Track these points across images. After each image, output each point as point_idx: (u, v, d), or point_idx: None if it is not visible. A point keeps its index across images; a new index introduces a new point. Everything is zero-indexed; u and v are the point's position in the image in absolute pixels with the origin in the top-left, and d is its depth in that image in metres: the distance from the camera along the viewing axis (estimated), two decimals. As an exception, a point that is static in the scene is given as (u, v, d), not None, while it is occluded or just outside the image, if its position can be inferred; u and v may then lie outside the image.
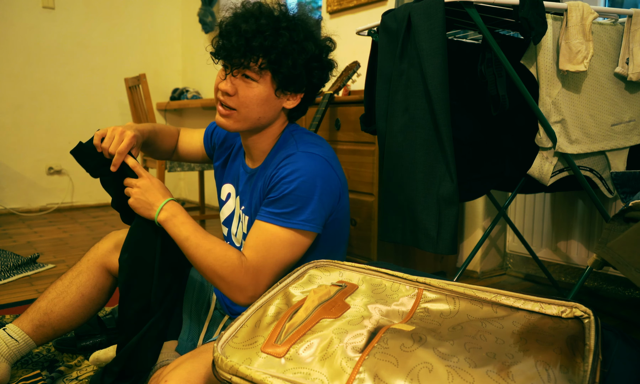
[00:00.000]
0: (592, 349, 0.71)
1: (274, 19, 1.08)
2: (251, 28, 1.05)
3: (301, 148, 1.12)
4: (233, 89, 1.10)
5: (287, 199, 1.07)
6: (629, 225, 0.94)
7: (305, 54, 1.09)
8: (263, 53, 1.06)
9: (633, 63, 1.38)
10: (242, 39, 1.05)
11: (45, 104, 3.83)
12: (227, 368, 0.73)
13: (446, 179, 1.30)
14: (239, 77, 1.09)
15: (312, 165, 1.10)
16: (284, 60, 1.07)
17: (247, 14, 1.09)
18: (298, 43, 1.08)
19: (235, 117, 1.12)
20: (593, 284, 2.00)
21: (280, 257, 1.07)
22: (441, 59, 1.26)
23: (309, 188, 1.08)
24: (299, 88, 1.13)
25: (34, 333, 1.23)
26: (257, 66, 1.07)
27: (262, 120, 1.13)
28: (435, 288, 0.92)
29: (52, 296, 1.26)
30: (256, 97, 1.10)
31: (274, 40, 1.06)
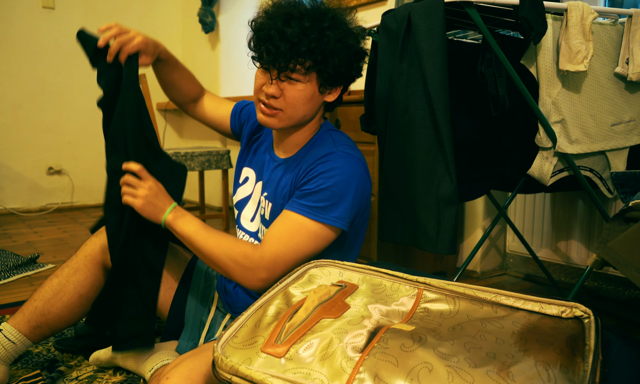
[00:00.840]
0: (592, 349, 0.71)
1: (317, 19, 1.08)
2: (295, 31, 1.05)
3: (340, 148, 1.15)
4: (279, 91, 1.11)
5: (323, 194, 1.08)
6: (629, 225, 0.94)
7: (348, 50, 1.11)
8: (310, 56, 1.07)
9: (633, 63, 1.38)
10: (287, 44, 1.05)
11: (45, 104, 3.83)
12: (227, 368, 0.73)
13: (446, 179, 1.30)
14: (284, 80, 1.10)
15: (351, 165, 1.12)
16: (330, 61, 1.08)
17: (287, 15, 1.08)
18: (341, 41, 1.09)
19: (280, 116, 1.14)
20: (593, 284, 2.00)
21: (302, 247, 1.08)
22: (441, 59, 1.26)
23: (346, 187, 1.10)
24: (342, 82, 1.16)
25: (31, 334, 1.23)
26: (303, 68, 1.08)
27: (306, 117, 1.16)
28: (435, 287, 0.92)
29: (48, 295, 1.25)
30: (303, 98, 1.11)
31: (319, 42, 1.06)
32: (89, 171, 4.03)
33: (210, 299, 1.33)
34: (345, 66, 1.12)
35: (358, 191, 1.12)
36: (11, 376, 1.28)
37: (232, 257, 1.08)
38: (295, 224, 1.08)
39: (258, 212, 1.25)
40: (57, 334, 1.49)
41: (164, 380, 0.92)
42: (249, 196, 1.29)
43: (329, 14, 1.11)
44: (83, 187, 4.02)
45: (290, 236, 1.07)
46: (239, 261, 1.08)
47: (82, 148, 4.00)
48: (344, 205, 1.09)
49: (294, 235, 1.07)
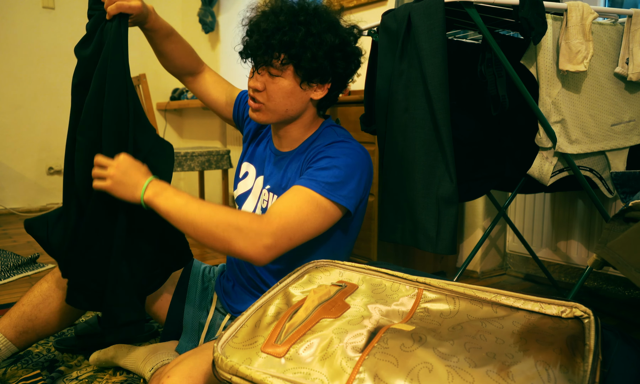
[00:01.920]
0: (592, 349, 0.71)
1: (293, 13, 1.11)
2: (270, 26, 1.09)
3: (344, 138, 1.18)
4: (262, 85, 1.14)
5: (333, 171, 1.09)
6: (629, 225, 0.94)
7: (324, 45, 1.11)
8: (283, 49, 1.09)
9: (633, 63, 1.38)
10: (262, 37, 1.09)
11: (45, 104, 3.83)
12: (227, 368, 0.73)
13: (446, 179, 1.30)
14: (265, 74, 1.13)
15: (357, 151, 1.15)
16: (303, 54, 1.09)
17: (269, 12, 1.13)
18: (316, 35, 1.10)
19: (263, 110, 1.16)
20: (593, 284, 2.00)
21: (310, 219, 1.06)
22: (441, 59, 1.26)
23: (354, 168, 1.12)
24: (323, 79, 1.16)
25: (17, 340, 1.22)
26: (278, 62, 1.10)
27: (289, 112, 1.17)
28: (435, 287, 0.92)
29: (37, 300, 1.23)
30: (281, 91, 1.13)
31: (291, 35, 1.08)
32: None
33: (208, 300, 1.33)
34: (321, 61, 1.11)
35: (363, 175, 1.14)
36: (11, 376, 1.28)
37: (233, 224, 1.00)
38: (305, 195, 1.06)
39: (259, 206, 1.25)
40: (57, 334, 1.49)
41: (165, 378, 0.92)
42: (249, 190, 1.30)
43: (309, 9, 1.12)
44: (83, 187, 4.02)
45: (299, 207, 1.05)
46: (242, 226, 1.00)
47: (82, 148, 4.00)
48: (351, 186, 1.10)
49: (303, 206, 1.05)
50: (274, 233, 1.01)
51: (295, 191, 1.07)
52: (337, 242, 1.21)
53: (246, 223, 1.01)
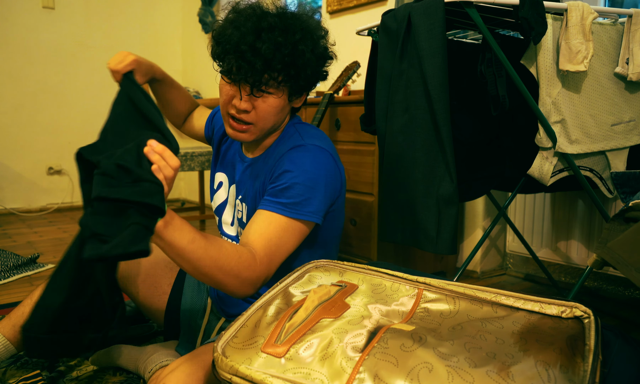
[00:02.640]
0: (592, 349, 0.71)
1: (289, 31, 1.05)
2: (269, 47, 1.02)
3: (308, 141, 1.13)
4: (250, 106, 1.08)
5: (295, 190, 1.06)
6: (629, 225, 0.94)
7: (319, 59, 1.11)
8: (283, 71, 1.05)
9: (633, 63, 1.38)
10: (261, 60, 1.02)
11: (45, 104, 3.83)
12: (227, 368, 0.73)
13: (446, 179, 1.30)
14: (258, 95, 1.08)
15: (318, 158, 1.11)
16: (302, 73, 1.07)
17: (256, 28, 1.03)
18: (313, 52, 1.08)
19: (252, 130, 1.11)
20: (593, 284, 2.00)
21: (289, 245, 1.07)
22: (441, 59, 1.26)
23: (316, 180, 1.08)
24: (310, 89, 1.16)
25: (15, 340, 1.21)
26: (276, 83, 1.06)
27: (275, 126, 1.15)
28: (435, 287, 0.92)
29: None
30: (272, 109, 1.10)
31: (293, 57, 1.04)
32: (89, 171, 4.04)
33: (203, 303, 1.32)
34: (315, 75, 1.12)
35: (329, 184, 1.11)
36: (11, 376, 1.28)
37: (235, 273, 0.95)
38: (277, 222, 1.05)
39: (235, 216, 1.24)
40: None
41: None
42: (226, 200, 1.28)
43: (298, 24, 1.07)
44: (83, 187, 4.02)
45: (278, 236, 1.04)
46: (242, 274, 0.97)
47: (82, 148, 4.00)
48: (317, 198, 1.08)
49: (280, 234, 1.05)
50: (264, 273, 1.01)
51: (268, 220, 1.05)
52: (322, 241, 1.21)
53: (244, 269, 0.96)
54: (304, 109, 2.33)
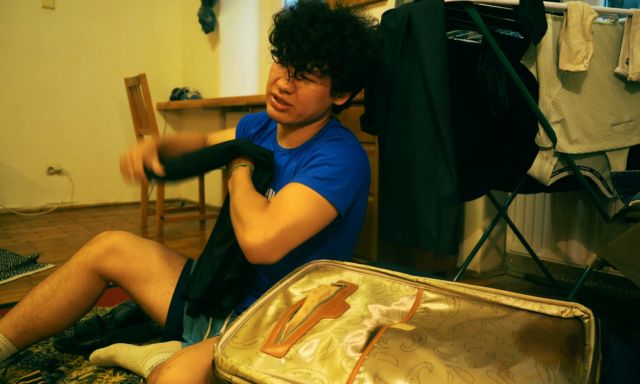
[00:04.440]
0: (592, 349, 0.71)
1: (340, 25, 1.11)
2: (318, 34, 1.08)
3: (345, 138, 1.19)
4: (293, 88, 1.14)
5: (324, 168, 1.10)
6: (629, 225, 0.94)
7: (365, 60, 1.15)
8: (328, 60, 1.10)
9: (633, 63, 1.38)
10: (309, 45, 1.08)
11: (45, 104, 3.83)
12: (227, 368, 0.73)
13: (447, 179, 1.30)
14: (300, 77, 1.13)
15: (352, 151, 1.16)
16: (346, 67, 1.12)
17: (312, 16, 1.11)
18: (360, 50, 1.13)
19: (291, 112, 1.17)
20: (593, 284, 2.00)
21: (300, 212, 1.06)
22: (441, 59, 1.26)
23: (347, 167, 1.12)
24: (353, 89, 1.20)
25: (17, 340, 1.21)
26: (320, 71, 1.12)
27: (314, 115, 1.19)
28: (435, 287, 0.92)
29: (38, 301, 1.23)
30: (314, 97, 1.15)
31: (339, 48, 1.10)
32: (89, 171, 4.04)
33: None
34: (359, 74, 1.16)
35: (359, 177, 1.15)
36: (11, 376, 1.28)
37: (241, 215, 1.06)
38: (295, 188, 1.08)
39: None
40: (57, 334, 1.49)
41: (165, 369, 0.92)
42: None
43: (352, 22, 1.13)
44: (83, 187, 4.02)
45: (296, 202, 1.06)
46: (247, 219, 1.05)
47: (82, 148, 4.00)
48: (342, 184, 1.11)
49: (300, 202, 1.06)
50: (264, 225, 1.03)
51: (288, 186, 1.09)
52: (332, 245, 1.21)
53: (252, 216, 1.04)
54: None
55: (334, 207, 1.10)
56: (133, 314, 1.56)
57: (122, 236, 1.31)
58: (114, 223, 3.40)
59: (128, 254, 1.29)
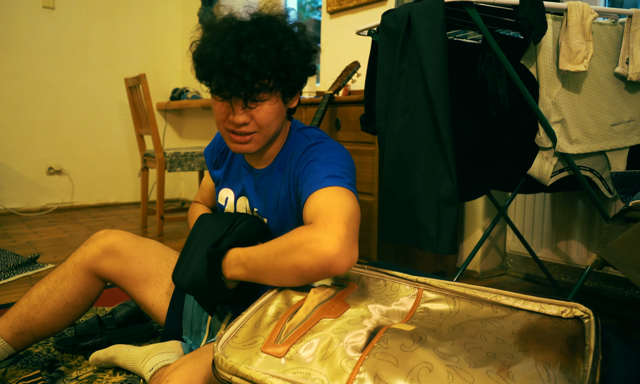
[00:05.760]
0: (592, 349, 0.71)
1: (269, 35, 1.03)
2: (254, 56, 1.00)
3: (317, 140, 1.14)
4: (248, 117, 1.07)
5: (326, 170, 1.04)
6: (629, 225, 0.94)
7: (305, 56, 1.09)
8: (273, 76, 1.04)
9: (633, 63, 1.38)
10: (249, 71, 1.00)
11: (45, 104, 3.83)
12: (227, 368, 0.73)
13: (446, 179, 1.30)
14: (253, 106, 1.06)
15: (334, 146, 1.12)
16: (293, 73, 1.06)
17: (236, 39, 1.02)
18: (297, 50, 1.06)
19: (256, 139, 1.10)
20: (593, 284, 2.00)
21: (346, 205, 0.95)
22: (441, 59, 1.26)
23: (341, 161, 1.08)
24: (302, 87, 1.15)
25: (13, 341, 1.21)
26: (268, 89, 1.05)
27: (278, 130, 1.14)
28: (435, 287, 0.92)
29: (34, 302, 1.22)
30: (272, 114, 1.09)
31: (280, 60, 1.03)
32: (89, 171, 4.03)
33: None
34: (305, 72, 1.11)
35: (352, 167, 1.12)
36: (11, 376, 1.28)
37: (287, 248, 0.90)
38: (323, 194, 0.99)
39: None
40: (57, 334, 1.49)
41: (164, 383, 0.92)
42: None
43: (275, 24, 1.05)
44: (83, 187, 4.02)
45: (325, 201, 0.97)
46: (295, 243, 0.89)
47: (82, 148, 4.00)
48: (350, 177, 1.07)
49: (327, 199, 0.97)
50: (326, 226, 0.89)
51: (313, 198, 0.99)
52: None
53: (299, 234, 0.90)
54: (303, 109, 2.33)
55: (356, 196, 1.05)
56: (133, 314, 1.56)
57: (120, 236, 1.29)
58: (114, 223, 3.40)
59: (126, 255, 1.28)
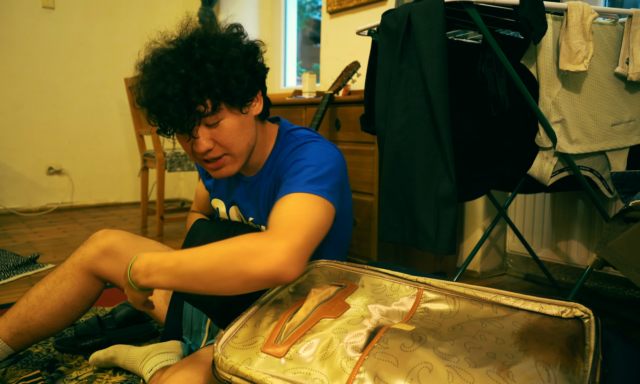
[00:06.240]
0: (592, 349, 0.71)
1: (187, 57, 1.00)
2: (177, 87, 0.97)
3: (306, 140, 1.12)
4: (211, 142, 1.05)
5: (306, 171, 1.02)
6: (629, 225, 0.94)
7: (237, 62, 1.03)
8: (206, 98, 1.00)
9: (633, 63, 1.38)
10: (179, 104, 0.98)
11: (45, 104, 3.83)
12: (227, 368, 0.73)
13: (445, 179, 1.30)
14: (204, 130, 1.04)
15: (321, 146, 1.10)
16: (228, 85, 1.01)
17: (160, 73, 1.01)
18: (224, 60, 1.01)
19: (229, 160, 1.08)
20: (593, 284, 2.00)
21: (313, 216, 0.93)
22: (441, 59, 1.26)
23: (325, 162, 1.05)
24: (254, 91, 1.09)
25: (12, 341, 1.21)
26: (210, 109, 1.01)
27: (251, 142, 1.11)
28: (435, 287, 0.92)
29: (32, 302, 1.22)
30: (234, 131, 1.05)
31: (205, 80, 0.98)
32: (89, 171, 4.03)
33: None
34: (245, 78, 1.04)
35: (337, 170, 1.07)
36: (11, 376, 1.28)
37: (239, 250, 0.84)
38: (291, 200, 0.97)
39: None
40: (57, 335, 1.49)
41: None
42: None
43: (195, 42, 1.02)
44: (83, 187, 4.02)
45: (293, 207, 0.94)
46: (248, 248, 0.83)
47: (82, 148, 4.00)
48: (330, 181, 1.03)
49: (299, 206, 0.95)
50: (285, 235, 0.85)
51: (289, 200, 0.97)
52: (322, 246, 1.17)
53: (250, 244, 0.84)
54: (303, 109, 2.33)
55: (332, 205, 1.03)
56: (133, 314, 1.56)
57: (119, 236, 1.29)
58: (114, 223, 3.40)
59: (125, 255, 1.27)
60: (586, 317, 0.80)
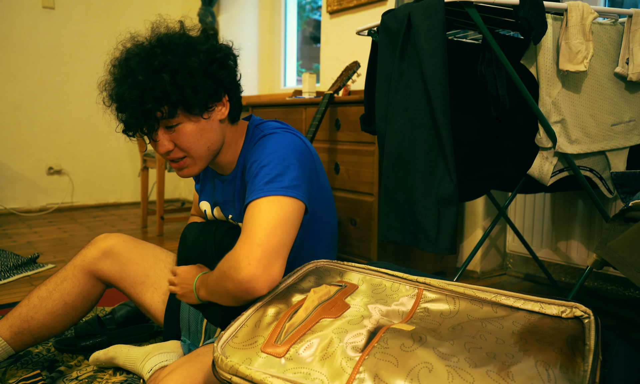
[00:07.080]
0: (592, 349, 0.71)
1: (146, 65, 1.02)
2: (135, 93, 1.01)
3: (267, 132, 1.14)
4: (171, 144, 1.08)
5: (264, 171, 1.03)
6: (629, 225, 0.94)
7: (195, 71, 1.04)
8: (162, 104, 1.02)
9: (633, 63, 1.38)
10: (135, 109, 1.02)
11: (45, 104, 3.83)
12: (227, 368, 0.73)
13: (446, 179, 1.30)
14: (164, 133, 1.07)
15: (281, 137, 1.10)
16: (183, 94, 1.02)
17: (121, 76, 1.05)
18: (182, 69, 1.03)
19: (190, 162, 1.12)
20: (593, 284, 2.00)
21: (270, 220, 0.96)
22: (441, 59, 1.26)
23: (284, 157, 1.05)
24: (217, 97, 1.10)
25: (12, 340, 1.21)
26: (167, 114, 1.04)
27: (212, 146, 1.13)
28: (435, 287, 0.92)
29: (34, 302, 1.23)
30: (193, 135, 1.08)
31: (161, 87, 1.01)
32: (89, 171, 4.03)
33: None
34: (203, 85, 1.05)
35: (300, 156, 1.08)
36: (11, 376, 1.28)
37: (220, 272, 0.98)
38: (252, 209, 0.99)
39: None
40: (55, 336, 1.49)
41: None
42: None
43: (158, 48, 1.04)
44: (83, 187, 4.02)
45: (252, 214, 0.98)
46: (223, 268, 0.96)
47: (82, 148, 4.00)
48: (290, 173, 1.03)
49: (257, 215, 0.97)
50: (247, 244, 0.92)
51: (248, 210, 1.00)
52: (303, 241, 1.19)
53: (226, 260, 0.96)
54: (303, 109, 2.33)
55: (296, 199, 1.02)
56: (133, 314, 1.56)
57: (120, 239, 1.31)
58: (114, 223, 3.40)
59: (124, 257, 1.29)
60: (586, 317, 0.80)
